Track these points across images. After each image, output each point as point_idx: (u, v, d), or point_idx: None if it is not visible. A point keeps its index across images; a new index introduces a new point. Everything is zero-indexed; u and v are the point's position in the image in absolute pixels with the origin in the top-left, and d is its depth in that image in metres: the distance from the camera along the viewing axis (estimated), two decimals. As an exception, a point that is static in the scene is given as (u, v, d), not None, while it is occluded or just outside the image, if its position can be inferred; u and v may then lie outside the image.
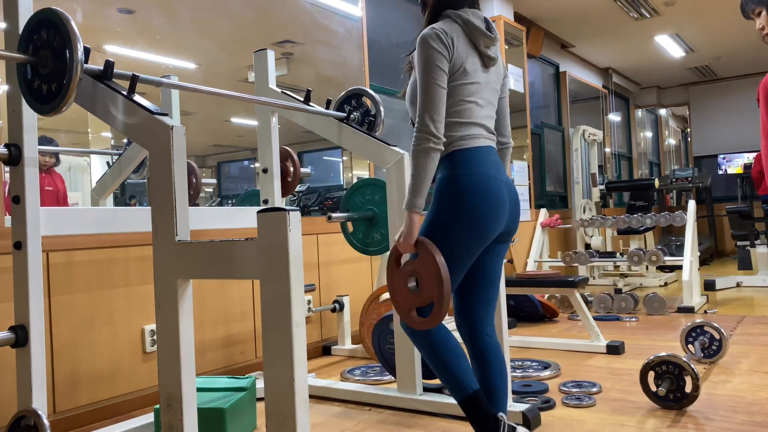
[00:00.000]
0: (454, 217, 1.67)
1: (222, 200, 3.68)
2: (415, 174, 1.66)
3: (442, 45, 1.67)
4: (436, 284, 1.61)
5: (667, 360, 2.35)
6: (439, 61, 1.67)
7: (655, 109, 10.47)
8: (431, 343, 1.75)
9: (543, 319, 4.48)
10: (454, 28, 1.72)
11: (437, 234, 1.69)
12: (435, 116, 1.65)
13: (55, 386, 2.36)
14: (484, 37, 1.74)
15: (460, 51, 1.70)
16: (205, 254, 1.41)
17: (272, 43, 3.77)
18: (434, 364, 1.76)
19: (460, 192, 1.67)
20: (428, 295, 1.64)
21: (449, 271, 1.64)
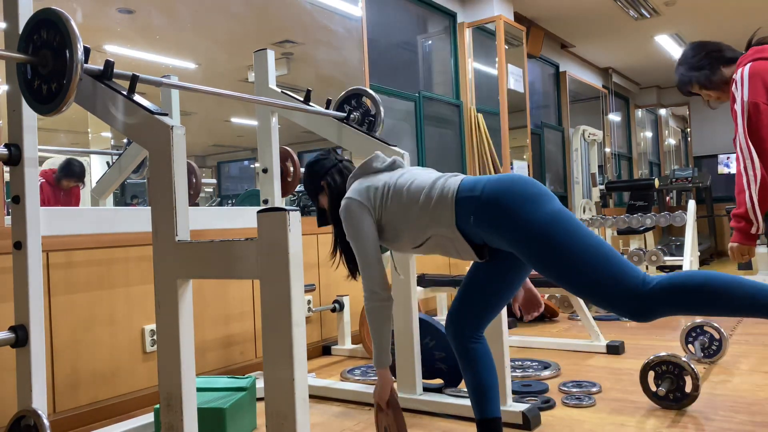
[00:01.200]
0: (525, 203, 1.58)
1: (222, 200, 3.68)
2: (374, 333, 1.79)
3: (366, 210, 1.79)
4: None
5: (667, 360, 2.35)
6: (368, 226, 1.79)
7: (655, 109, 10.47)
8: (689, 287, 1.48)
9: (543, 319, 4.48)
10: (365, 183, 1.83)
11: (542, 220, 1.55)
12: (375, 277, 1.78)
13: (55, 386, 2.36)
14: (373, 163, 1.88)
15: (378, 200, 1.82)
16: (205, 254, 1.41)
17: (272, 43, 3.77)
18: (717, 295, 1.47)
19: (498, 195, 1.61)
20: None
21: (588, 232, 1.54)
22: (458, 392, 2.45)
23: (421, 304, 4.25)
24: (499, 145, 5.59)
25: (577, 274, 1.52)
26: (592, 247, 1.52)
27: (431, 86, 5.34)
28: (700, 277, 1.48)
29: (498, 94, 5.67)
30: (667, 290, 1.47)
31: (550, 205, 1.58)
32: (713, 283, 1.46)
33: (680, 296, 1.47)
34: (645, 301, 1.48)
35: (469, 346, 1.80)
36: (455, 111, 5.53)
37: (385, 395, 1.83)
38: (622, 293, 1.49)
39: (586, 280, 1.51)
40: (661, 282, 1.48)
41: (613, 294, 1.50)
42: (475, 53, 5.64)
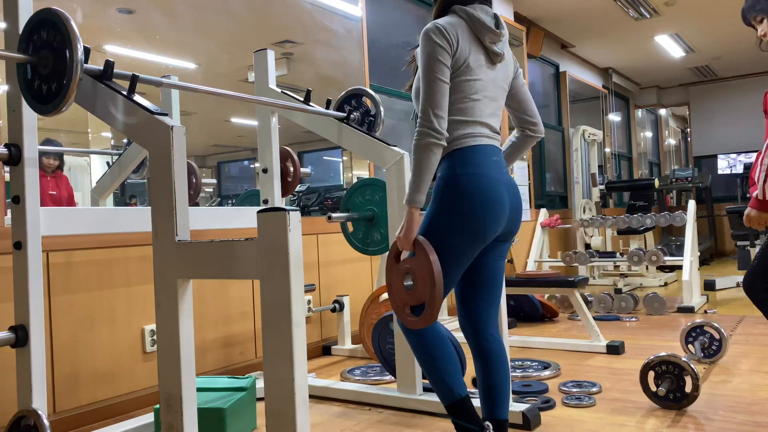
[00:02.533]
0: (452, 216, 1.67)
1: (222, 200, 3.68)
2: (416, 169, 1.65)
3: (445, 40, 1.66)
4: (429, 285, 1.62)
5: (667, 360, 2.35)
6: (441, 55, 1.66)
7: (655, 109, 10.47)
8: (423, 344, 1.75)
9: (543, 319, 4.48)
10: (458, 23, 1.71)
11: (435, 233, 1.68)
12: (437, 111, 1.64)
13: (55, 386, 2.36)
14: (489, 33, 1.72)
15: (464, 46, 1.69)
16: (205, 254, 1.41)
17: (272, 43, 3.77)
18: (424, 364, 1.77)
19: (458, 192, 1.67)
20: (421, 295, 1.65)
21: (445, 270, 1.65)
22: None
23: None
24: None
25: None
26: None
27: (431, 86, 5.33)
28: (418, 344, 1.75)
29: (498, 94, 5.66)
30: (410, 337, 1.77)
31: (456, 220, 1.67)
32: (418, 354, 1.77)
33: (411, 345, 1.79)
34: (406, 329, 1.76)
35: (486, 345, 1.80)
36: (455, 111, 5.52)
37: (412, 234, 1.69)
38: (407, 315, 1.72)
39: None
40: (413, 330, 1.74)
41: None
42: (475, 53, 5.63)
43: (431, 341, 1.74)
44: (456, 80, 1.69)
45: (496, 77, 1.77)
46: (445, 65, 1.66)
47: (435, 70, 1.65)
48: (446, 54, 1.66)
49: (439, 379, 1.74)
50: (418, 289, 1.65)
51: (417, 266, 1.65)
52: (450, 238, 1.67)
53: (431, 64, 1.66)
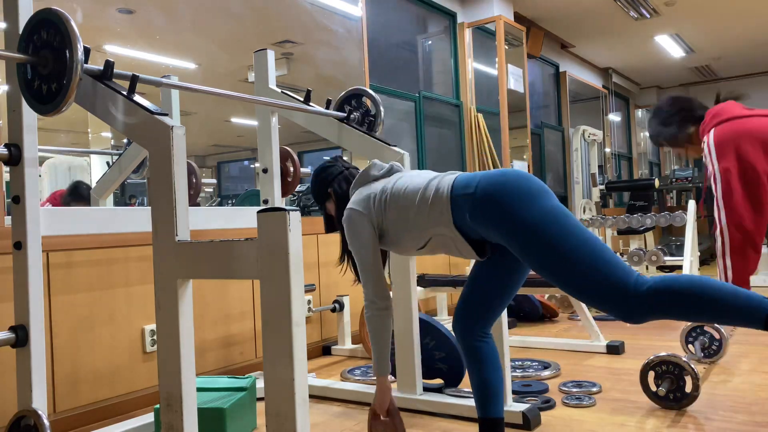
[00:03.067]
0: (521, 201, 1.57)
1: (222, 200, 3.68)
2: (373, 342, 1.83)
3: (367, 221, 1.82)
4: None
5: (667, 360, 2.35)
6: (370, 237, 1.83)
7: (655, 109, 10.46)
8: (677, 291, 1.46)
9: (543, 319, 4.48)
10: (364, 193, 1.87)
11: (540, 216, 1.54)
12: (373, 286, 1.82)
13: (55, 386, 2.36)
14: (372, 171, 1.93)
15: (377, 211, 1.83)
16: (205, 254, 1.41)
17: (272, 43, 3.77)
18: (705, 302, 1.44)
19: (490, 198, 1.61)
20: None
21: (582, 229, 1.53)
22: (458, 392, 2.45)
23: (421, 304, 4.25)
24: (499, 145, 5.59)
25: (570, 273, 1.50)
26: (587, 245, 1.50)
27: (431, 86, 5.34)
28: (693, 283, 1.46)
29: (498, 94, 5.67)
30: (659, 294, 1.45)
31: (545, 200, 1.58)
32: (705, 288, 1.44)
33: (672, 301, 1.45)
34: (635, 304, 1.47)
35: (476, 344, 1.80)
36: (455, 111, 5.53)
37: (385, 404, 1.85)
38: (614, 294, 1.48)
39: (579, 278, 1.50)
40: (653, 285, 1.47)
41: (604, 295, 1.49)
42: (475, 53, 5.64)
43: (673, 284, 1.47)
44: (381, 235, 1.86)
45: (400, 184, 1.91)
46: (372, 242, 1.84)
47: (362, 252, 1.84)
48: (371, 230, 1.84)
49: (733, 301, 1.42)
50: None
51: (389, 430, 1.87)
52: (549, 205, 1.57)
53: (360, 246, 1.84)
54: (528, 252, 1.55)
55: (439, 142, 5.28)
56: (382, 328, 1.80)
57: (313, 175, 2.09)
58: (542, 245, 1.52)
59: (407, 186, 1.78)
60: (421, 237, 1.74)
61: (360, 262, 1.83)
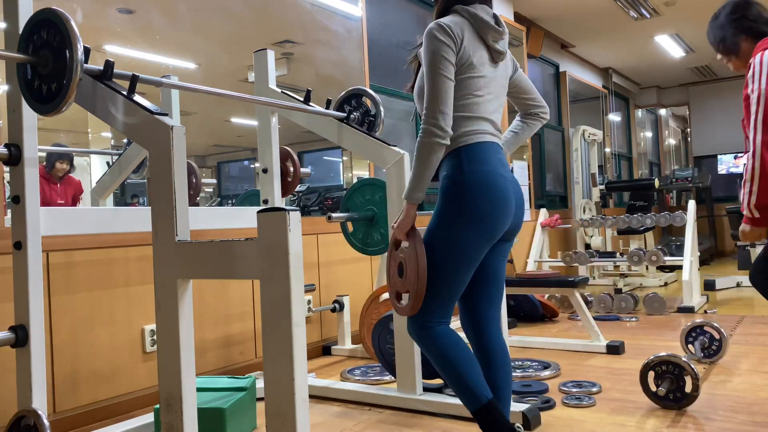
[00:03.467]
0: (462, 215, 1.67)
1: (222, 200, 3.68)
2: (418, 167, 1.68)
3: (449, 38, 1.67)
4: (414, 276, 1.68)
5: (667, 360, 2.35)
6: (446, 53, 1.67)
7: (655, 109, 10.47)
8: (440, 349, 1.70)
9: (543, 319, 4.48)
10: (461, 22, 1.72)
11: (444, 232, 1.69)
12: (443, 108, 1.66)
13: (55, 386, 2.36)
14: (492, 31, 1.73)
15: (468, 44, 1.70)
16: (205, 254, 1.41)
17: (272, 43, 3.77)
18: (444, 371, 1.72)
19: (467, 189, 1.67)
20: (408, 285, 1.70)
21: (457, 269, 1.66)
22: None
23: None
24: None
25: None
26: (441, 269, 1.69)
27: (431, 86, 5.33)
28: (443, 357, 1.70)
29: (498, 94, 5.66)
30: (424, 344, 1.74)
31: (464, 218, 1.66)
32: (443, 365, 1.71)
33: (428, 353, 1.74)
34: (414, 334, 1.75)
35: (486, 345, 1.79)
36: (455, 111, 5.52)
37: (406, 226, 1.73)
38: (416, 315, 1.72)
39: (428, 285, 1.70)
40: (429, 337, 1.72)
41: (416, 309, 1.71)
42: (475, 53, 5.63)
43: (447, 344, 1.70)
44: (460, 77, 1.70)
45: (498, 75, 1.78)
46: (450, 63, 1.67)
47: (440, 67, 1.66)
48: (451, 52, 1.67)
49: (461, 384, 1.68)
50: (406, 279, 1.71)
51: (408, 257, 1.71)
52: (460, 236, 1.67)
53: (436, 61, 1.66)
54: None
55: (439, 142, 5.27)
56: (435, 157, 1.67)
57: None
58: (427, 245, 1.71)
59: (481, 89, 1.73)
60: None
61: (434, 79, 1.66)
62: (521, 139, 1.96)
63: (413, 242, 1.70)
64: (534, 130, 1.96)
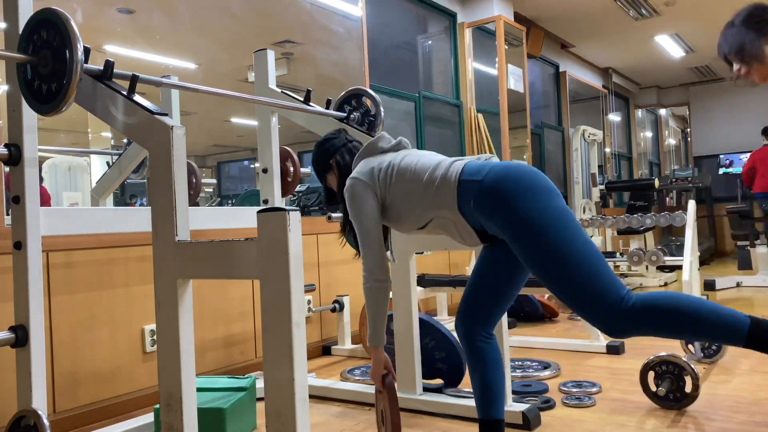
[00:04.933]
0: (524, 197, 1.56)
1: (222, 200, 3.68)
2: (370, 311, 1.79)
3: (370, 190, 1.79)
4: (390, 427, 1.78)
5: (667, 360, 2.35)
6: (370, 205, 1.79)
7: (655, 109, 10.47)
8: (661, 310, 1.48)
9: (543, 319, 4.48)
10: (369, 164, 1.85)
11: (536, 218, 1.53)
12: (374, 258, 1.77)
13: (55, 386, 2.36)
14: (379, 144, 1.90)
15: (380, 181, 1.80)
16: (205, 254, 1.41)
17: (272, 43, 3.77)
18: (687, 322, 1.47)
19: (498, 184, 1.60)
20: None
21: (580, 234, 1.53)
22: (458, 392, 2.45)
23: (421, 304, 4.25)
24: (499, 145, 5.59)
25: (561, 277, 1.51)
26: (583, 252, 1.51)
27: (431, 86, 5.34)
28: (678, 301, 1.48)
29: (498, 94, 5.67)
30: (644, 312, 1.47)
31: (551, 200, 1.58)
32: (690, 307, 1.46)
33: (656, 319, 1.47)
34: (620, 319, 1.48)
35: (479, 345, 1.78)
36: (455, 111, 5.53)
37: (379, 374, 1.82)
38: (601, 305, 1.49)
39: (568, 283, 1.51)
40: (638, 302, 1.48)
41: (590, 305, 1.50)
42: (475, 53, 5.64)
43: (659, 302, 1.49)
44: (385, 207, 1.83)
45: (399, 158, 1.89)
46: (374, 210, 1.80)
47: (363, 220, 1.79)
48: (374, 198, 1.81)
49: (715, 319, 1.46)
50: (386, 425, 1.81)
51: (384, 407, 1.82)
52: (549, 206, 1.56)
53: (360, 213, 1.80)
54: (524, 248, 1.55)
55: (439, 142, 5.28)
56: (380, 300, 1.76)
57: (315, 146, 2.06)
58: (539, 244, 1.53)
59: (416, 163, 1.76)
60: (424, 217, 1.74)
61: (361, 232, 1.78)
62: None
63: (386, 395, 1.81)
64: None
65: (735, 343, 1.46)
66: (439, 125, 5.30)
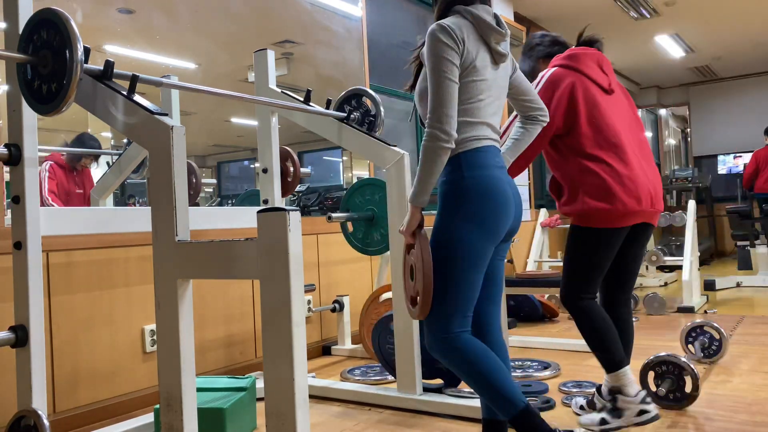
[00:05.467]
0: (464, 218, 1.66)
1: (222, 200, 3.68)
2: (423, 171, 1.66)
3: (452, 40, 1.65)
4: (421, 277, 1.68)
5: (667, 360, 2.35)
6: (449, 55, 1.65)
7: (655, 109, 10.47)
8: (468, 359, 1.67)
9: (543, 319, 4.48)
10: (463, 23, 1.70)
11: (448, 235, 1.68)
12: (449, 111, 1.64)
13: (55, 386, 2.36)
14: (494, 33, 1.72)
15: (470, 47, 1.68)
16: (205, 254, 1.41)
17: (272, 43, 3.77)
18: (475, 381, 1.67)
19: (467, 193, 1.67)
20: (417, 287, 1.70)
21: (467, 274, 1.66)
22: (458, 392, 2.45)
23: (421, 304, 4.24)
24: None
25: (436, 286, 1.69)
26: (462, 277, 1.68)
27: (431, 86, 5.33)
28: (478, 363, 1.66)
29: (498, 94, 5.66)
30: (452, 352, 1.68)
31: (467, 221, 1.66)
32: (482, 373, 1.66)
33: (455, 364, 1.69)
34: (437, 345, 1.70)
35: (487, 344, 1.79)
36: (455, 111, 5.52)
37: (413, 227, 1.72)
38: (434, 325, 1.69)
39: (436, 292, 1.68)
40: (459, 344, 1.68)
41: (430, 317, 1.69)
42: (475, 53, 5.63)
43: (474, 353, 1.67)
44: (463, 81, 1.69)
45: (499, 77, 1.77)
46: (454, 65, 1.65)
47: (445, 70, 1.64)
48: (455, 54, 1.66)
49: (495, 393, 1.64)
50: (416, 281, 1.71)
51: (416, 259, 1.71)
52: (464, 238, 1.67)
53: (441, 64, 1.65)
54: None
55: (439, 142, 5.27)
56: (439, 163, 1.66)
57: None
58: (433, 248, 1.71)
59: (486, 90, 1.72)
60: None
61: (438, 82, 1.64)
62: (522, 145, 1.94)
63: (419, 244, 1.71)
64: (534, 134, 1.93)
65: (503, 414, 1.67)
66: (439, 125, 5.29)
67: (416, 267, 1.70)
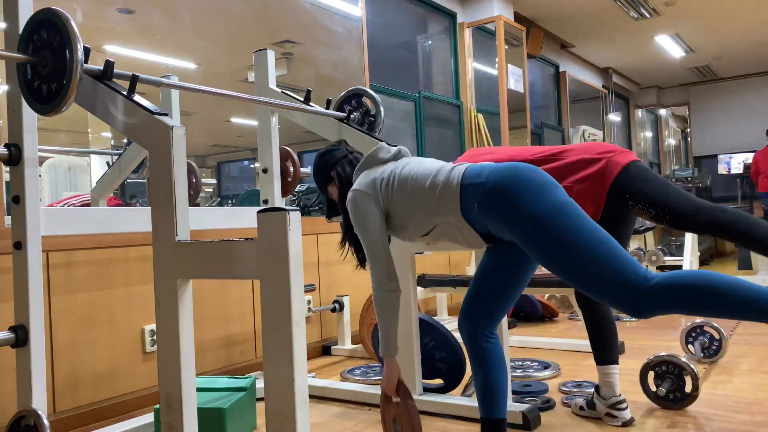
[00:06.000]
0: (539, 190, 1.57)
1: (222, 200, 3.68)
2: (379, 322, 1.78)
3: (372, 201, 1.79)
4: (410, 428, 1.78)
5: (667, 360, 2.35)
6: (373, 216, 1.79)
7: (655, 109, 10.47)
8: (692, 284, 1.44)
9: (543, 319, 4.48)
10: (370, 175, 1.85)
11: (553, 207, 1.54)
12: (382, 268, 1.77)
13: (55, 386, 2.36)
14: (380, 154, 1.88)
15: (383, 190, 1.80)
16: (205, 254, 1.41)
17: (272, 43, 3.77)
18: (717, 296, 1.42)
19: (503, 183, 1.60)
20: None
21: (585, 234, 1.52)
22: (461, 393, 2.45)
23: (421, 304, 4.25)
24: (499, 145, 5.59)
25: (578, 265, 1.50)
26: (596, 239, 1.50)
27: (431, 86, 5.34)
28: (701, 278, 1.44)
29: (498, 94, 5.67)
30: (666, 288, 1.44)
31: (554, 194, 1.58)
32: (714, 284, 1.42)
33: (679, 295, 1.44)
34: (643, 298, 1.45)
35: (482, 344, 1.79)
36: (455, 111, 5.53)
37: (393, 384, 1.81)
38: (622, 288, 1.47)
39: (586, 271, 1.49)
40: (661, 280, 1.46)
41: (612, 288, 1.48)
42: (475, 53, 5.64)
43: (688, 277, 1.46)
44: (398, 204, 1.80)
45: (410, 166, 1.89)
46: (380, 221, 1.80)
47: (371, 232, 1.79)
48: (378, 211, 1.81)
49: (744, 302, 1.40)
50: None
51: (401, 416, 1.81)
52: (566, 199, 1.57)
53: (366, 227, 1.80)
54: (535, 244, 1.55)
55: (439, 142, 5.28)
56: (391, 310, 1.76)
57: (315, 158, 2.05)
58: (551, 238, 1.52)
59: (417, 171, 1.76)
60: (428, 224, 1.74)
61: (367, 243, 1.78)
62: None
63: (403, 399, 1.79)
64: None
65: (762, 318, 1.40)
66: (439, 125, 5.30)
67: (403, 425, 1.81)
